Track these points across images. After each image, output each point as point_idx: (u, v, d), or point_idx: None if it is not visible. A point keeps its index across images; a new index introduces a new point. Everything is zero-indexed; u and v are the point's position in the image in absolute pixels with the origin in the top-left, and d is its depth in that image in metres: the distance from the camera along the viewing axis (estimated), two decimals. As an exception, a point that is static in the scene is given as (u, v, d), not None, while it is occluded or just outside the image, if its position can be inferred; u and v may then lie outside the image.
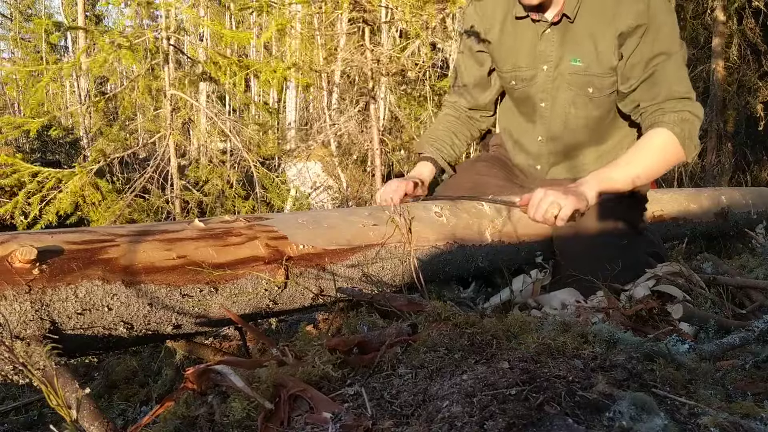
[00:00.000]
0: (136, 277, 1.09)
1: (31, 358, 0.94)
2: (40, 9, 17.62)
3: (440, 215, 1.63)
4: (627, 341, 0.95)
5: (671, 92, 1.64)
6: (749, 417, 0.74)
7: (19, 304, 0.96)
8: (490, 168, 2.02)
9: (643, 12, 1.62)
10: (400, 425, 0.71)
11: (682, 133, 1.61)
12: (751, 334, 1.17)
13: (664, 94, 1.64)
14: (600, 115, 1.79)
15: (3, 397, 1.46)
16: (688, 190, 2.92)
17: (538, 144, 1.91)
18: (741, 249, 2.73)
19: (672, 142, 1.62)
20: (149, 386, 1.39)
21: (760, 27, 6.64)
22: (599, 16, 1.67)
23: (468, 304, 1.63)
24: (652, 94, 1.66)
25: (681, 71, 1.67)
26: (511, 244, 1.76)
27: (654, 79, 1.65)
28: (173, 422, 0.84)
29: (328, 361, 0.89)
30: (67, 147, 7.42)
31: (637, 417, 0.69)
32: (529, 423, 0.66)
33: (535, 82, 1.81)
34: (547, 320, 1.11)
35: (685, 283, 1.53)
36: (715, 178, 6.17)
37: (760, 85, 6.83)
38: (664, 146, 1.63)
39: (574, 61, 1.72)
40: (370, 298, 1.24)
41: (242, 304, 1.23)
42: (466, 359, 0.87)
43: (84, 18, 10.35)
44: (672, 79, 1.65)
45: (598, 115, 1.79)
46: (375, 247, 1.45)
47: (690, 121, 1.63)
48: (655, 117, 1.65)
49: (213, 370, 0.87)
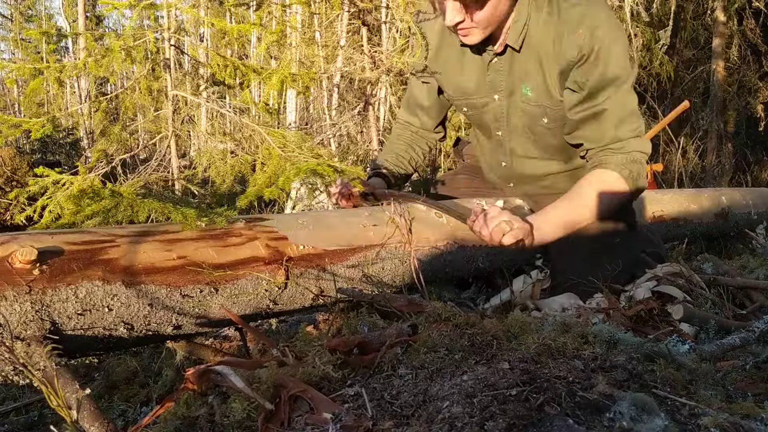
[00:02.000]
0: (137, 278, 1.09)
1: (32, 358, 0.94)
2: (41, 10, 17.63)
3: (440, 215, 1.64)
4: (627, 342, 0.95)
5: (617, 135, 1.55)
6: (750, 417, 0.74)
7: (19, 305, 0.96)
8: (471, 180, 2.02)
9: (587, 42, 1.49)
10: (401, 426, 0.71)
11: (630, 174, 1.55)
12: (751, 335, 1.17)
13: (610, 137, 1.56)
14: (559, 143, 1.72)
15: (3, 397, 1.46)
16: (688, 190, 2.92)
17: (502, 168, 1.86)
18: (741, 249, 2.73)
19: (614, 181, 1.55)
20: (149, 387, 1.39)
21: (761, 27, 6.64)
22: (545, 48, 1.56)
23: (468, 305, 1.64)
24: (598, 136, 1.57)
25: (628, 104, 1.56)
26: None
27: (600, 119, 1.55)
28: (173, 423, 0.84)
29: (328, 361, 0.89)
30: (68, 148, 7.41)
31: (637, 417, 0.69)
32: (530, 423, 0.66)
33: (489, 109, 1.74)
34: (548, 321, 1.11)
35: (686, 284, 1.53)
36: (715, 179, 6.17)
37: (760, 86, 6.83)
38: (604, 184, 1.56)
39: (525, 90, 1.64)
40: (371, 299, 1.24)
41: (242, 304, 1.23)
42: (466, 360, 0.87)
43: (84, 19, 10.36)
44: (618, 117, 1.55)
45: (557, 143, 1.72)
46: (375, 248, 1.45)
47: (638, 161, 1.56)
48: (600, 158, 1.58)
49: (213, 371, 0.87)
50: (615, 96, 1.53)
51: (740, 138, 7.17)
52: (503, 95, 1.68)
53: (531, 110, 1.66)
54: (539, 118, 1.66)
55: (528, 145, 1.75)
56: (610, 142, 1.56)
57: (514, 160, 1.81)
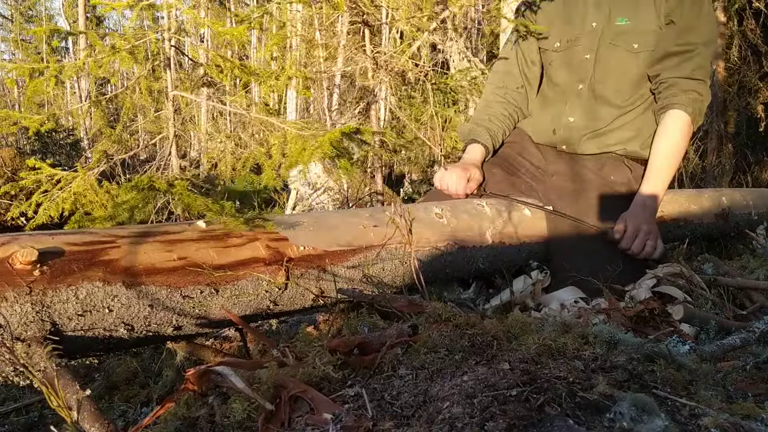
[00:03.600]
0: (137, 279, 1.09)
1: (32, 359, 0.94)
2: (41, 10, 17.63)
3: (441, 216, 1.63)
4: (628, 342, 0.95)
5: (694, 74, 1.82)
6: (750, 418, 0.74)
7: (19, 306, 0.96)
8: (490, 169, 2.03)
9: None
10: (401, 426, 0.71)
11: (693, 111, 1.83)
12: (751, 335, 1.17)
13: (688, 72, 1.82)
14: (638, 73, 1.89)
15: (4, 398, 1.46)
16: (688, 191, 2.91)
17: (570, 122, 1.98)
18: (742, 250, 2.72)
19: (686, 122, 1.83)
20: (150, 387, 1.39)
21: (761, 28, 6.64)
22: None
23: (468, 305, 1.63)
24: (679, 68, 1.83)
25: (706, 62, 1.85)
26: (512, 245, 1.76)
27: (686, 56, 1.82)
28: (174, 423, 0.84)
29: (328, 362, 0.89)
30: (68, 148, 7.42)
31: (637, 418, 0.69)
32: (530, 424, 0.66)
33: (581, 42, 1.93)
34: (548, 321, 1.11)
35: (686, 284, 1.53)
36: (715, 179, 6.16)
37: (760, 86, 6.82)
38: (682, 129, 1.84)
39: (620, 21, 1.86)
40: (371, 299, 1.24)
41: (243, 305, 1.23)
42: (466, 360, 0.87)
43: (85, 20, 10.37)
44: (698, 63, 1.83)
45: (636, 74, 1.89)
46: (375, 249, 1.45)
47: (700, 100, 1.84)
48: (669, 97, 1.84)
49: (213, 371, 0.87)
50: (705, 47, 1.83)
51: (740, 138, 7.16)
52: (601, 21, 1.89)
53: (624, 38, 1.86)
54: (630, 43, 1.86)
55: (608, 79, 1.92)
56: (687, 75, 1.82)
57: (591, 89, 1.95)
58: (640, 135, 1.92)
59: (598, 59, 1.91)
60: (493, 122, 2.07)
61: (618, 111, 1.93)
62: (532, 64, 2.08)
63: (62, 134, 7.37)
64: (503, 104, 2.09)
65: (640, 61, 1.87)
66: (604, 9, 1.89)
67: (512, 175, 2.02)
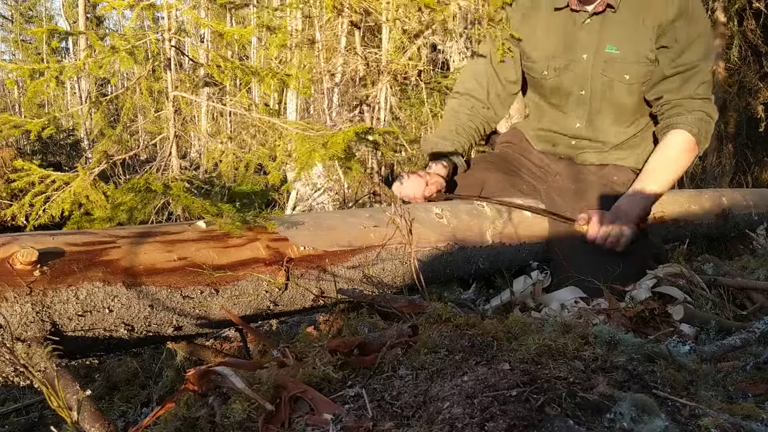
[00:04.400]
0: (137, 279, 1.09)
1: (32, 359, 0.94)
2: (41, 11, 17.64)
3: (441, 216, 1.64)
4: (628, 342, 0.95)
5: (697, 92, 1.78)
6: (750, 418, 0.74)
7: (20, 306, 0.96)
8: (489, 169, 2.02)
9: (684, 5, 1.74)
10: (401, 426, 0.71)
11: (699, 132, 1.78)
12: (752, 336, 1.17)
13: (690, 92, 1.78)
14: (633, 101, 1.87)
15: (4, 398, 1.46)
16: (688, 191, 2.91)
17: (575, 130, 1.96)
18: (742, 250, 2.72)
19: (690, 141, 1.78)
20: (150, 388, 1.39)
21: (761, 28, 6.63)
22: (640, 5, 1.76)
23: (469, 306, 1.63)
24: (680, 89, 1.79)
25: (709, 73, 1.81)
26: (512, 245, 1.76)
27: (686, 76, 1.78)
28: (174, 423, 0.84)
29: (328, 362, 0.89)
30: (68, 149, 7.42)
31: (637, 418, 0.69)
32: (530, 424, 0.66)
33: (571, 70, 1.87)
34: (548, 322, 1.11)
35: (686, 285, 1.53)
36: (715, 180, 6.16)
37: (760, 87, 6.82)
38: (684, 147, 1.79)
39: (609, 48, 1.81)
40: (371, 300, 1.24)
41: (243, 305, 1.23)
42: (466, 360, 0.87)
43: (85, 20, 10.37)
44: (700, 81, 1.79)
45: (630, 104, 1.87)
46: (375, 249, 1.45)
47: (706, 121, 1.79)
48: (673, 117, 1.79)
49: (214, 372, 0.87)
50: (704, 62, 1.78)
51: (741, 139, 7.16)
52: (590, 54, 1.83)
53: (615, 67, 1.81)
54: (621, 74, 1.81)
55: (604, 106, 1.89)
56: (690, 96, 1.78)
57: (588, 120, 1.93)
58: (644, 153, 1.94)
59: (593, 95, 1.89)
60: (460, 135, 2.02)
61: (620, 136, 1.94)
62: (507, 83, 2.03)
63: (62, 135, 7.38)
64: (470, 116, 2.05)
65: (633, 91, 1.86)
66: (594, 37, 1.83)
67: (513, 175, 2.01)
